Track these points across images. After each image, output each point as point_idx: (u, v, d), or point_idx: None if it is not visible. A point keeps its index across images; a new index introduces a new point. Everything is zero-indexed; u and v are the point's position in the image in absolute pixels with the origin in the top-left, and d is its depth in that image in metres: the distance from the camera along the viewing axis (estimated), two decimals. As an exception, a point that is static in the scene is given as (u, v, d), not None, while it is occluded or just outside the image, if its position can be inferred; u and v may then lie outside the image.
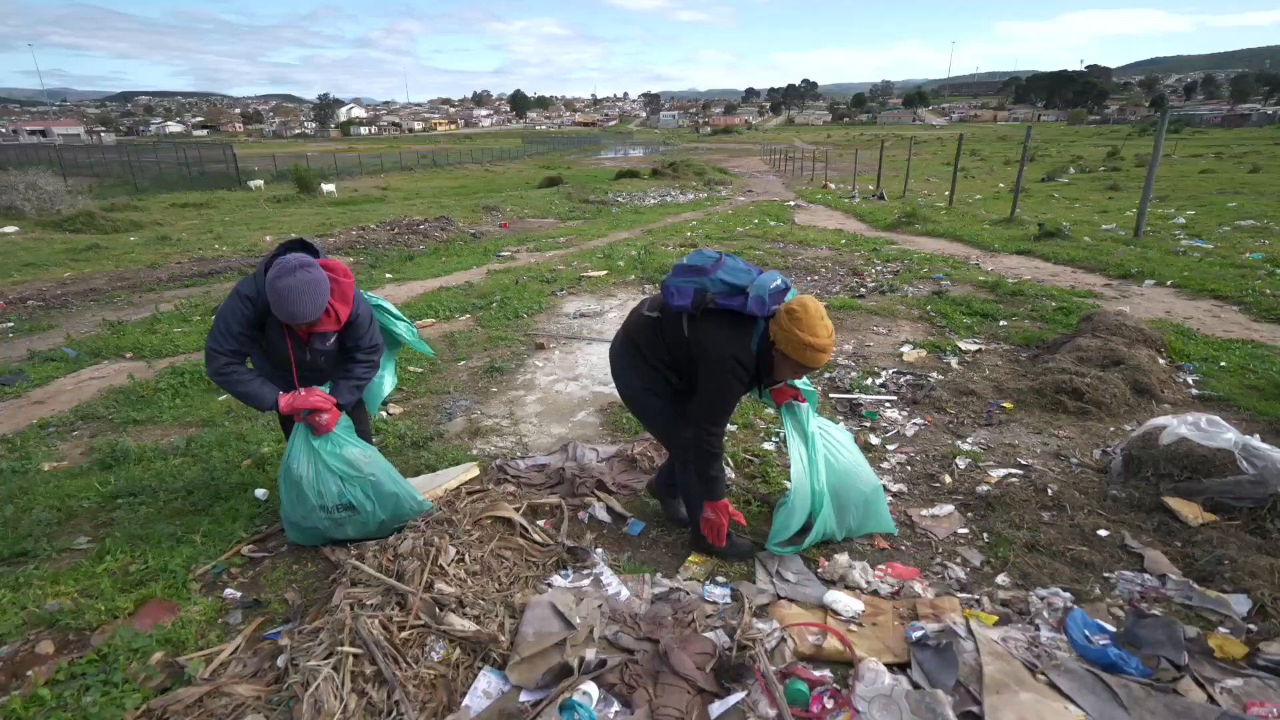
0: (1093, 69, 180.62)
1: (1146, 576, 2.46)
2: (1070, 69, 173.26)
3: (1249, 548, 2.53)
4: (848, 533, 2.71)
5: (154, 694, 2.03)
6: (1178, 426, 3.07)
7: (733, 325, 2.22)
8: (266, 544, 2.84)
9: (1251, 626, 2.19)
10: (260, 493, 3.18)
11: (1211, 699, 1.87)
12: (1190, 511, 2.78)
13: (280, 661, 2.09)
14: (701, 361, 2.26)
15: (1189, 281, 6.81)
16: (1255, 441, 2.90)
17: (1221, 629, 2.19)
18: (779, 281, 2.22)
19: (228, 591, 2.53)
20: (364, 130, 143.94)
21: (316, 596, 2.45)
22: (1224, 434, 2.96)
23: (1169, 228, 10.80)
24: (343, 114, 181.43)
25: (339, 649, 1.97)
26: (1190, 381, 4.31)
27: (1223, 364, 4.53)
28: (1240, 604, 2.27)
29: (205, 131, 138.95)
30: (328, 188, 22.93)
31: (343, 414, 2.64)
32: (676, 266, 2.33)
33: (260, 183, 25.98)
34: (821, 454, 2.56)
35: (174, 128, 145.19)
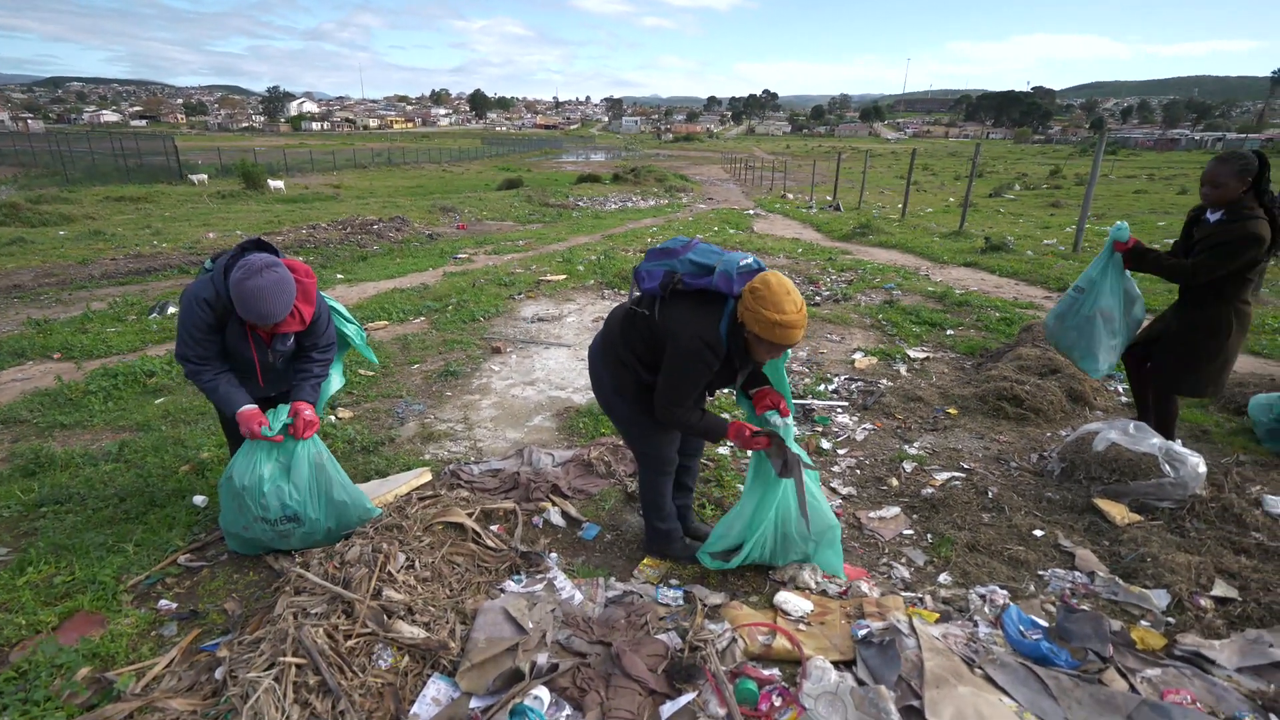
0: (1038, 90, 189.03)
1: (1077, 574, 2.58)
2: (1017, 90, 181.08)
3: (1169, 546, 2.68)
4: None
5: (79, 711, 1.93)
6: (1108, 432, 3.23)
7: (700, 306, 2.15)
8: (205, 553, 2.73)
9: (1170, 619, 2.32)
10: (199, 499, 3.06)
11: (1133, 688, 1.97)
12: (1118, 512, 2.94)
13: (218, 674, 2.01)
14: (669, 343, 2.18)
15: (1120, 294, 7.17)
16: (1177, 446, 3.08)
17: (1143, 622, 2.32)
18: (749, 260, 2.14)
19: (162, 603, 2.43)
20: (316, 126, 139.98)
21: (258, 606, 2.37)
22: (1149, 439, 3.14)
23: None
24: (293, 108, 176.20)
25: (281, 659, 1.91)
26: (1121, 390, 4.54)
27: (1149, 372, 4.79)
28: (1160, 598, 2.40)
29: (144, 122, 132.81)
30: (276, 184, 22.19)
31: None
32: (649, 251, 2.29)
33: (203, 177, 24.98)
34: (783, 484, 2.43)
35: (109, 117, 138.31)
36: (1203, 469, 2.97)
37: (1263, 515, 2.83)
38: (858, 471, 3.48)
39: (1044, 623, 2.27)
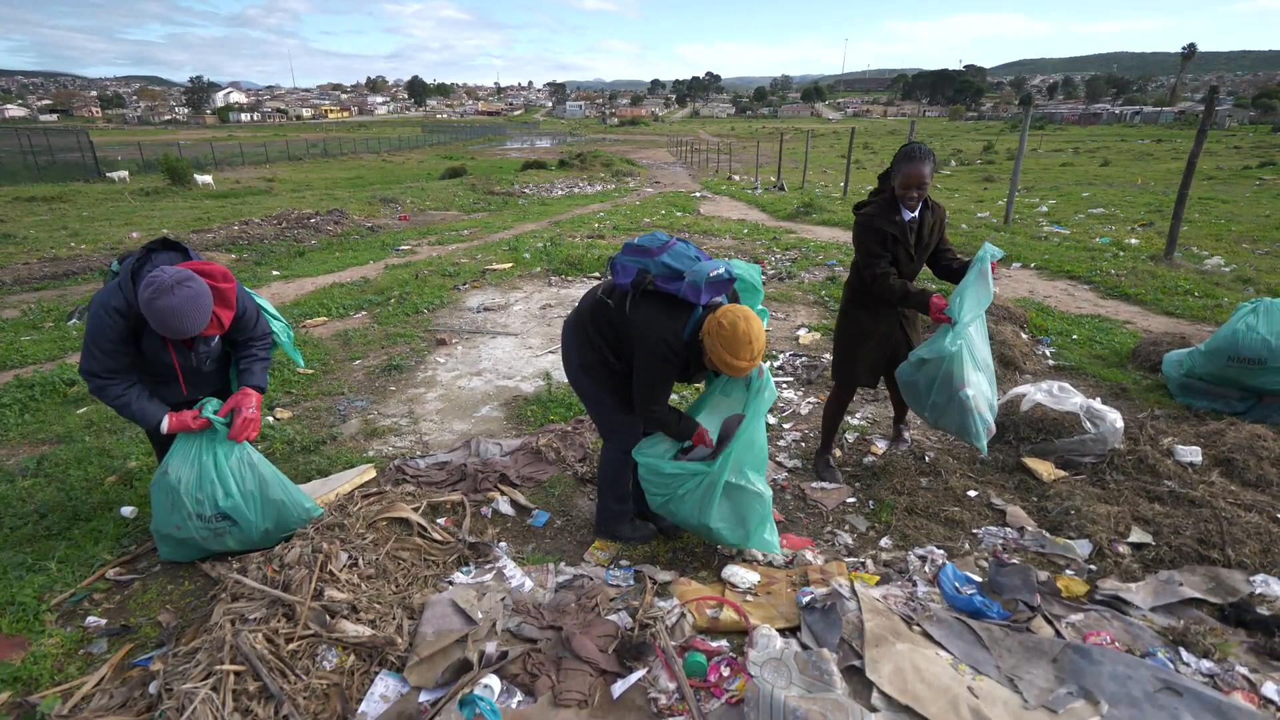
0: (970, 69, 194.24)
1: (1008, 530, 2.71)
2: (950, 68, 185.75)
3: (1091, 498, 2.84)
4: (711, 535, 2.46)
5: (0, 739, 1.84)
6: (1034, 393, 3.39)
7: (669, 309, 2.20)
8: (136, 565, 2.62)
9: (1091, 567, 2.47)
10: (127, 510, 2.92)
11: (1058, 633, 2.09)
12: (1044, 469, 3.09)
13: (152, 688, 1.93)
14: (635, 341, 2.24)
15: (1049, 264, 7.50)
16: (1097, 404, 3.26)
17: (1068, 571, 2.45)
18: (720, 270, 2.18)
19: (90, 620, 2.32)
20: (245, 117, 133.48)
21: (194, 616, 2.28)
22: (1072, 398, 3.31)
23: (1034, 216, 11.84)
24: (219, 99, 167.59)
25: (218, 668, 1.85)
26: (1048, 353, 4.76)
27: (1075, 337, 5.04)
28: (1083, 548, 2.55)
29: (55, 116, 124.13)
30: (204, 179, 21.11)
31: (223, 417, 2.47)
32: (626, 245, 2.32)
33: (124, 174, 23.57)
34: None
35: (15, 111, 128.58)
36: (1120, 424, 3.15)
37: (1174, 464, 3.02)
38: (803, 445, 3.56)
39: (977, 578, 2.38)
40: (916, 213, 2.78)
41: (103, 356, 2.25)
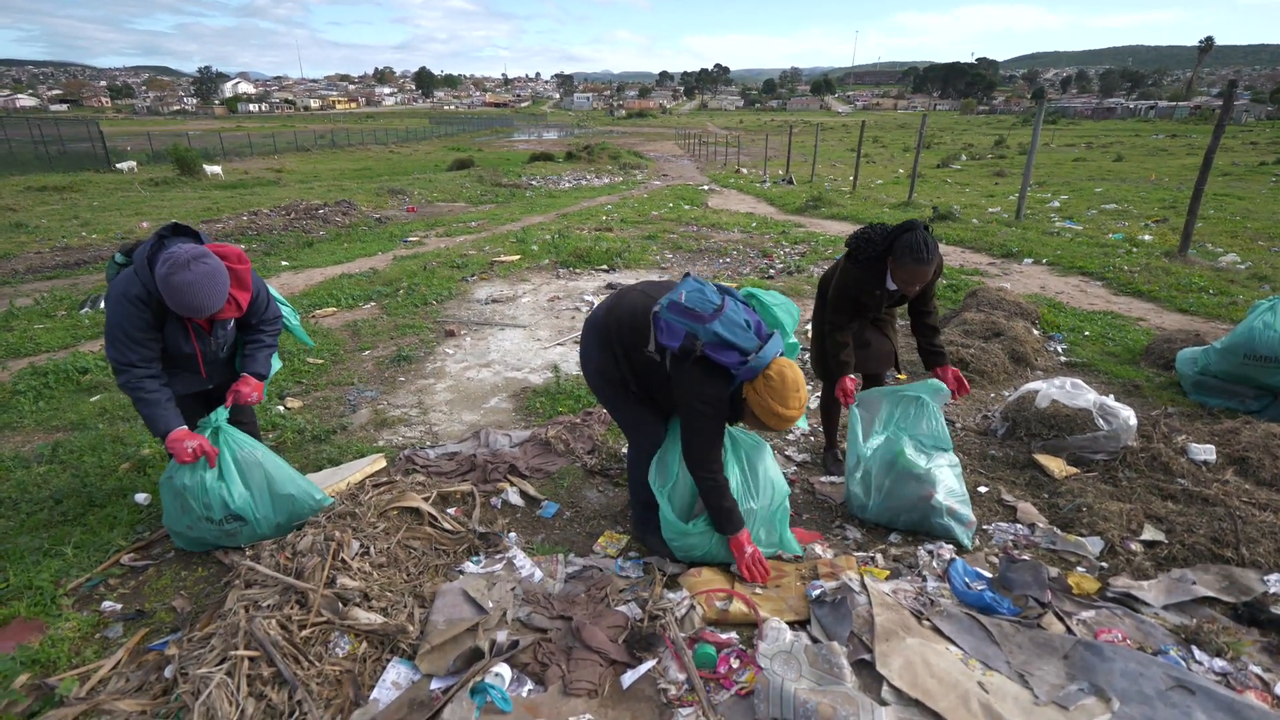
0: (982, 61, 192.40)
1: (1018, 526, 2.70)
2: (962, 61, 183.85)
3: (1103, 495, 2.82)
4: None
5: (20, 719, 1.86)
6: (1047, 390, 3.37)
7: (714, 374, 2.13)
8: (150, 551, 2.65)
9: (1103, 564, 2.45)
10: (141, 497, 2.95)
11: (1069, 630, 2.08)
12: (1056, 466, 3.07)
13: (168, 672, 1.96)
14: (679, 400, 2.20)
15: (1061, 259, 7.45)
16: (1110, 401, 3.23)
17: (1079, 568, 2.44)
18: (781, 350, 2.14)
19: (106, 604, 2.34)
20: (253, 107, 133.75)
21: (208, 602, 2.30)
22: (1085, 395, 3.28)
23: (1046, 211, 11.75)
24: (228, 89, 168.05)
25: (232, 653, 1.87)
26: (1060, 350, 4.73)
27: (1087, 333, 5.00)
28: (1095, 545, 2.53)
29: (65, 106, 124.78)
30: (213, 169, 21.20)
31: (230, 413, 2.49)
32: (673, 303, 2.14)
33: (133, 164, 23.69)
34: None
35: (26, 101, 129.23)
36: (1133, 421, 3.12)
37: (1187, 462, 2.99)
38: (811, 439, 3.55)
39: (988, 574, 2.37)
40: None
41: (135, 345, 2.23)
